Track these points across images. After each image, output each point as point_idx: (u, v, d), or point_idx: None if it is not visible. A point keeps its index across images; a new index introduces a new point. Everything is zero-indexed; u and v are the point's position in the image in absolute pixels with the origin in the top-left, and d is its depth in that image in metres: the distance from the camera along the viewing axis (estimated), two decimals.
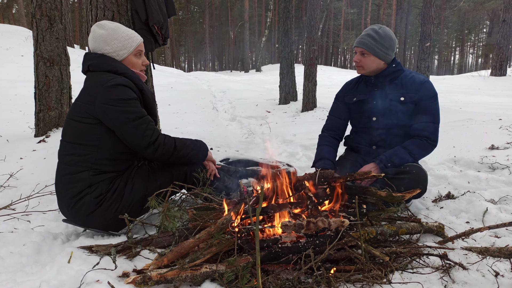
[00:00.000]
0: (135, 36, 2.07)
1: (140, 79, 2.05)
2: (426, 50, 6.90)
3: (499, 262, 1.59)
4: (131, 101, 1.88)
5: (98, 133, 1.88)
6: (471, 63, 49.79)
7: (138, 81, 1.99)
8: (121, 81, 1.88)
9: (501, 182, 2.54)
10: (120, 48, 2.00)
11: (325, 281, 1.45)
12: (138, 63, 2.09)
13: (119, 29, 2.02)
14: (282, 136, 5.05)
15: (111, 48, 1.98)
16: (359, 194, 1.97)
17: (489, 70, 14.83)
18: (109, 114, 1.84)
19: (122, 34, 2.01)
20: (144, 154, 1.96)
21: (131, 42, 2.03)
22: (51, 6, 3.99)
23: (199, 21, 43.59)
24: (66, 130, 1.96)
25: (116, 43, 1.99)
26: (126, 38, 2.01)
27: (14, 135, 4.26)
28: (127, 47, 2.02)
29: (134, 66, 2.06)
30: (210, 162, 2.24)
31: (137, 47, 2.06)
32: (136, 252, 1.69)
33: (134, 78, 1.98)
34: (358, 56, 2.40)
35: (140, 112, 1.90)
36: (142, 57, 2.13)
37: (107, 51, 1.98)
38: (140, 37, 2.10)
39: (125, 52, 2.02)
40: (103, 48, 1.98)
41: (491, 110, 6.17)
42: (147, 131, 1.88)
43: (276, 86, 8.89)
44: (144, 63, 2.14)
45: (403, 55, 26.80)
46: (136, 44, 2.05)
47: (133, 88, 1.93)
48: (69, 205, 1.89)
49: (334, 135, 2.65)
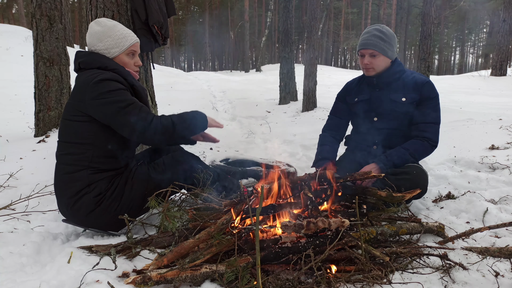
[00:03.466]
0: (130, 36, 2.06)
1: (131, 74, 2.04)
2: (426, 50, 6.90)
3: (499, 262, 1.59)
4: (119, 91, 1.85)
5: (91, 131, 1.87)
6: (471, 63, 49.78)
7: (128, 77, 1.98)
8: (108, 76, 1.86)
9: (501, 182, 2.53)
10: (112, 46, 2.00)
11: (325, 281, 1.45)
12: (130, 63, 2.08)
13: (115, 28, 2.02)
14: (282, 136, 5.05)
15: (103, 45, 1.99)
16: (359, 194, 1.97)
17: (489, 70, 14.83)
18: (100, 108, 1.83)
19: (117, 32, 2.02)
20: (145, 141, 1.90)
21: (124, 41, 2.03)
22: (51, 6, 3.99)
23: (199, 21, 43.58)
24: (61, 130, 1.97)
25: (109, 40, 1.99)
26: (120, 37, 2.02)
27: (14, 135, 4.26)
28: (120, 45, 2.02)
29: (126, 66, 2.06)
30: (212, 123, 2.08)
31: (130, 47, 2.05)
32: (136, 252, 1.69)
33: (125, 74, 1.97)
34: (368, 59, 2.36)
35: (130, 100, 1.85)
36: (135, 57, 2.12)
37: (99, 48, 1.99)
38: (136, 38, 2.09)
39: (117, 50, 2.02)
40: (96, 44, 2.00)
41: (491, 110, 6.17)
42: (140, 114, 1.82)
43: (276, 86, 8.89)
44: (137, 64, 2.13)
45: (403, 55, 26.80)
46: (129, 43, 2.05)
47: (122, 82, 1.91)
48: (68, 205, 1.89)
49: (335, 135, 2.65)
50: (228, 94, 9.32)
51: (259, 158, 3.32)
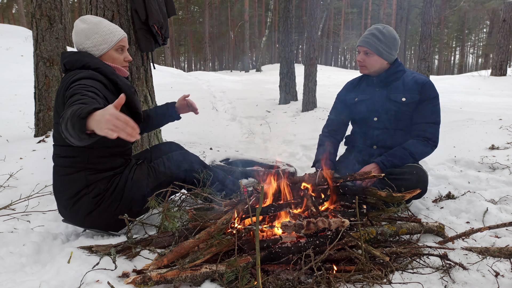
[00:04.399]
0: (117, 30, 2.03)
1: (115, 72, 1.96)
2: (426, 50, 6.90)
3: (499, 262, 1.59)
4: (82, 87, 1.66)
5: None
6: (471, 63, 49.76)
7: (111, 75, 1.91)
8: (85, 75, 1.78)
9: (501, 182, 2.54)
10: (101, 43, 1.97)
11: (325, 281, 1.45)
12: (120, 59, 2.04)
13: (101, 24, 1.98)
14: (282, 136, 5.06)
15: (91, 42, 1.96)
16: (359, 194, 1.97)
17: (489, 70, 14.83)
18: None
19: (104, 28, 1.98)
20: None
21: (112, 36, 1.99)
22: (51, 6, 3.98)
23: (199, 21, 43.58)
24: (54, 134, 1.94)
25: (97, 37, 1.96)
26: (107, 32, 1.98)
27: (14, 135, 4.26)
28: (108, 41, 1.98)
29: (115, 61, 2.02)
30: None
31: (118, 42, 2.02)
32: (136, 252, 1.69)
33: (107, 73, 1.90)
34: (361, 56, 2.39)
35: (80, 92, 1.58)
36: (125, 53, 2.08)
37: (88, 46, 1.96)
38: (123, 33, 2.05)
39: (106, 46, 1.98)
40: (83, 42, 1.96)
41: (491, 110, 6.17)
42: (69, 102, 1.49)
43: (276, 86, 8.89)
44: (126, 59, 2.08)
45: (403, 55, 26.81)
46: (117, 38, 2.01)
47: (101, 80, 1.82)
48: (67, 206, 1.88)
49: (335, 135, 2.65)
50: (228, 94, 9.32)
51: (259, 158, 3.33)
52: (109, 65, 1.97)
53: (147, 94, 3.35)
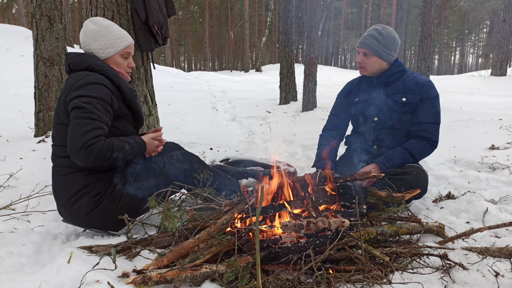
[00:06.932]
0: (125, 36, 2.04)
1: (119, 75, 1.98)
2: (426, 50, 6.90)
3: (499, 262, 1.59)
4: (95, 100, 1.76)
5: None
6: (471, 63, 49.77)
7: (115, 78, 1.93)
8: (92, 80, 1.80)
9: (501, 182, 2.54)
10: (107, 46, 1.98)
11: (325, 281, 1.45)
12: (124, 64, 2.06)
13: (110, 27, 2.00)
14: (282, 136, 5.05)
15: (98, 44, 1.97)
16: (359, 194, 1.97)
17: (489, 70, 14.84)
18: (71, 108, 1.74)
19: (113, 32, 1.99)
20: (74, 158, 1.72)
21: (119, 42, 2.01)
22: (51, 6, 3.99)
23: (199, 21, 43.58)
24: (53, 134, 1.95)
25: (105, 40, 1.97)
26: (116, 37, 2.00)
27: (14, 135, 4.26)
28: (115, 46, 2.00)
29: (119, 66, 2.04)
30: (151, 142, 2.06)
31: (125, 48, 2.03)
32: (136, 252, 1.69)
33: (111, 75, 1.92)
34: (360, 57, 2.39)
35: (95, 114, 1.74)
36: (129, 59, 2.09)
37: (94, 47, 1.97)
38: (131, 39, 2.07)
39: (112, 51, 1.99)
40: (90, 43, 1.97)
41: (491, 110, 6.17)
42: (88, 134, 1.69)
43: (276, 86, 8.89)
44: (130, 65, 2.10)
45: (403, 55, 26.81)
46: (124, 45, 2.02)
47: (107, 86, 1.85)
48: (66, 206, 1.88)
49: (335, 135, 2.65)
50: (228, 94, 9.32)
51: (259, 158, 3.32)
52: (113, 68, 1.99)
53: (147, 94, 3.35)
